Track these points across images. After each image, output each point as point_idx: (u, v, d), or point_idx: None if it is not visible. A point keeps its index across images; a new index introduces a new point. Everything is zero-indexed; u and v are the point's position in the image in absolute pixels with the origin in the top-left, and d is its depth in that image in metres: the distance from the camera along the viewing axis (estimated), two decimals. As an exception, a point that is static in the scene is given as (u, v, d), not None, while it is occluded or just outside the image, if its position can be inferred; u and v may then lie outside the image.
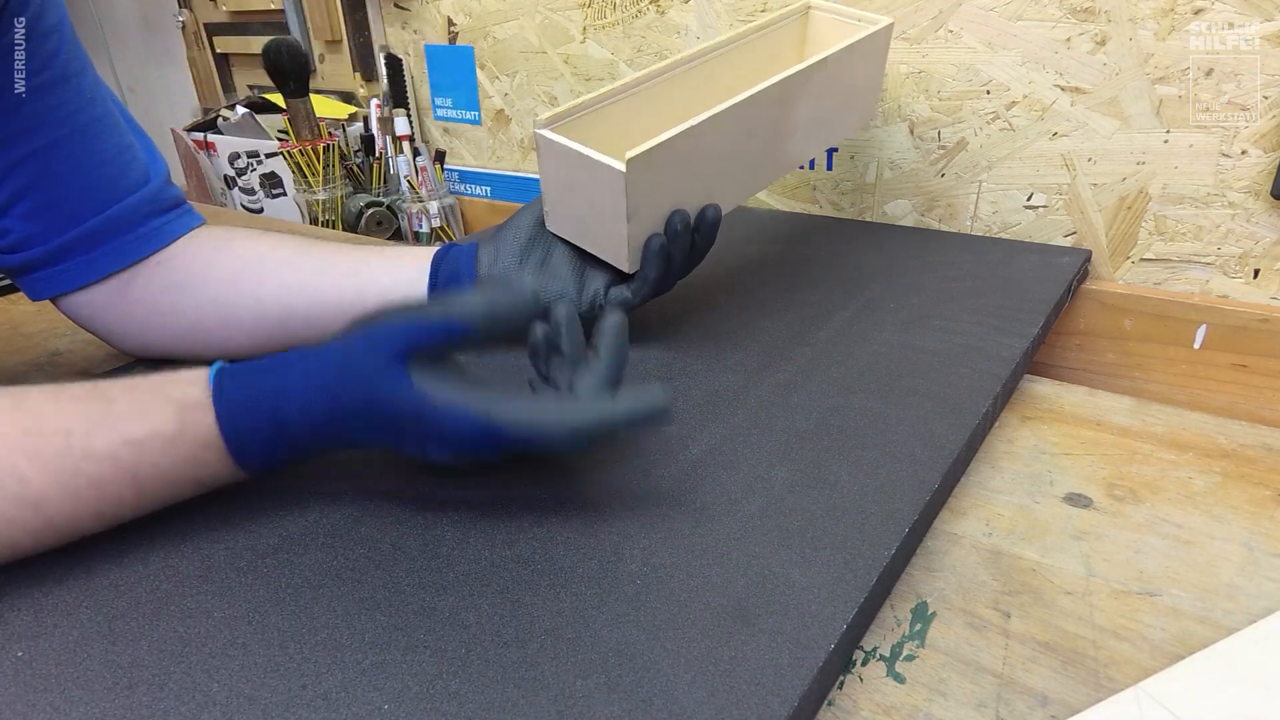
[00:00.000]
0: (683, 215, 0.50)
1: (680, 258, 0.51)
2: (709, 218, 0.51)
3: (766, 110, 0.55)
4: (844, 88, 0.62)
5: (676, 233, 0.50)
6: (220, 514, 0.38)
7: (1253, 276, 0.64)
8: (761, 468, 0.40)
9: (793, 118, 0.58)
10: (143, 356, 0.56)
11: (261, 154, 1.20)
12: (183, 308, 0.52)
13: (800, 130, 0.60)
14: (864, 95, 0.66)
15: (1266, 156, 0.60)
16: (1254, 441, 0.47)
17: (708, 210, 0.51)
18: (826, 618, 0.31)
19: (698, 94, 0.61)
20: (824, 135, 0.64)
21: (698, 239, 0.52)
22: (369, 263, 0.53)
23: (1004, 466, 0.46)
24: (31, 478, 0.33)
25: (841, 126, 0.66)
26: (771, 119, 0.56)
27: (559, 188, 0.50)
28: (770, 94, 0.54)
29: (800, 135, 0.60)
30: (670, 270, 0.51)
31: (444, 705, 0.28)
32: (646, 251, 0.50)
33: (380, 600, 0.33)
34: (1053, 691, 0.32)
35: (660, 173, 0.48)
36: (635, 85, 0.57)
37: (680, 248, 0.51)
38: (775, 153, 0.59)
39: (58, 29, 0.48)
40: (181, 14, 1.52)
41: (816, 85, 0.58)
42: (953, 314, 0.56)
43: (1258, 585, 0.36)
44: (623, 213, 0.47)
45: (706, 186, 0.52)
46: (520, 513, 0.38)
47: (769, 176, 0.62)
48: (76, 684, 0.30)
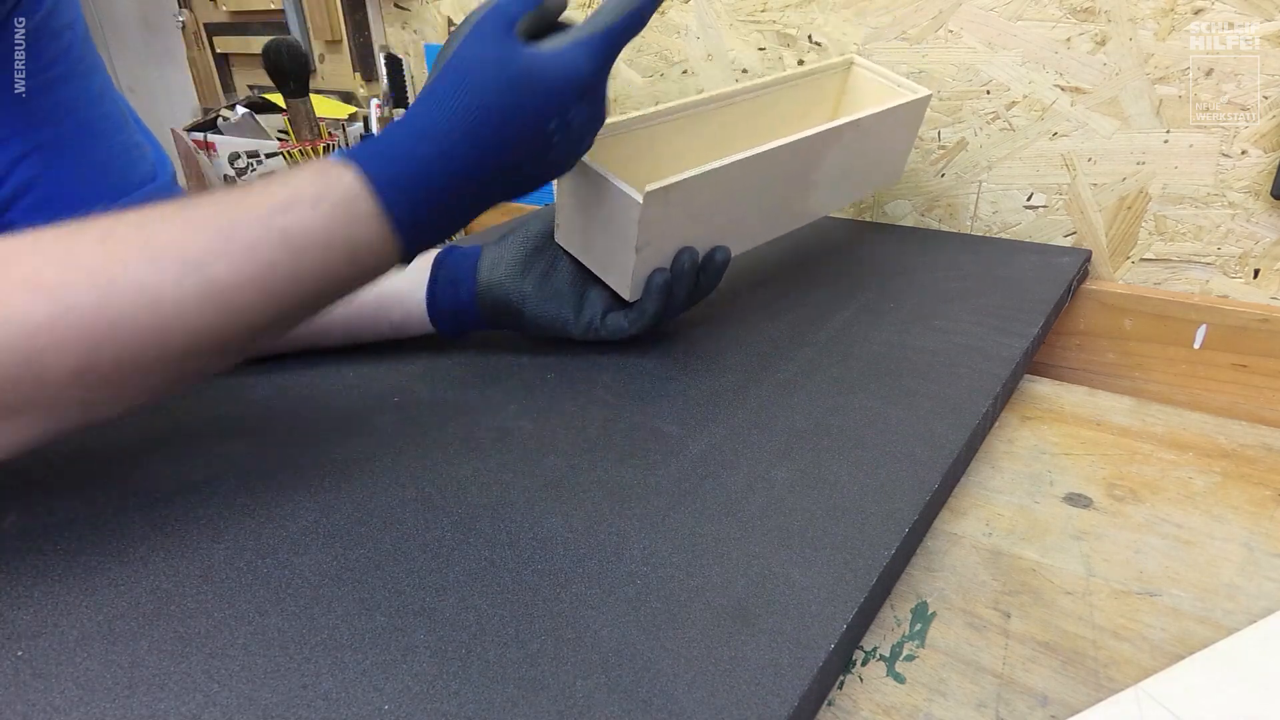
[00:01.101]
0: (691, 254, 0.50)
1: (683, 295, 0.51)
2: (717, 260, 0.51)
3: (792, 162, 0.55)
4: (874, 149, 0.62)
5: (683, 271, 0.50)
6: (220, 514, 0.38)
7: (1253, 276, 0.64)
8: (761, 468, 0.40)
9: (817, 172, 0.58)
10: None
11: (261, 154, 1.20)
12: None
13: (824, 185, 0.59)
14: (892, 158, 0.66)
15: (1266, 156, 0.60)
16: (1254, 441, 0.47)
17: (717, 252, 0.51)
18: (826, 618, 0.31)
19: (731, 131, 0.61)
20: (846, 192, 0.64)
21: (702, 279, 0.52)
22: None
23: (1004, 466, 0.46)
24: (190, 241, 0.32)
25: (865, 185, 0.66)
26: (796, 171, 0.56)
27: (574, 203, 0.50)
28: (799, 147, 0.53)
29: (823, 190, 0.60)
30: (671, 306, 0.51)
31: (444, 705, 0.28)
32: (650, 285, 0.50)
33: (380, 600, 0.33)
34: (1053, 691, 0.32)
35: (676, 209, 0.48)
36: (669, 114, 0.57)
37: (684, 286, 0.51)
38: (794, 204, 0.59)
39: (71, 26, 0.48)
40: (181, 14, 1.52)
41: (847, 144, 0.58)
42: (953, 314, 0.56)
43: (1258, 585, 0.36)
44: (633, 243, 0.47)
45: (720, 228, 0.52)
46: (520, 513, 0.38)
47: (784, 226, 0.61)
48: (76, 684, 0.30)
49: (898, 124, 0.62)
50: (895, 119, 0.61)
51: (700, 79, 0.87)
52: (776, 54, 0.81)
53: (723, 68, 0.85)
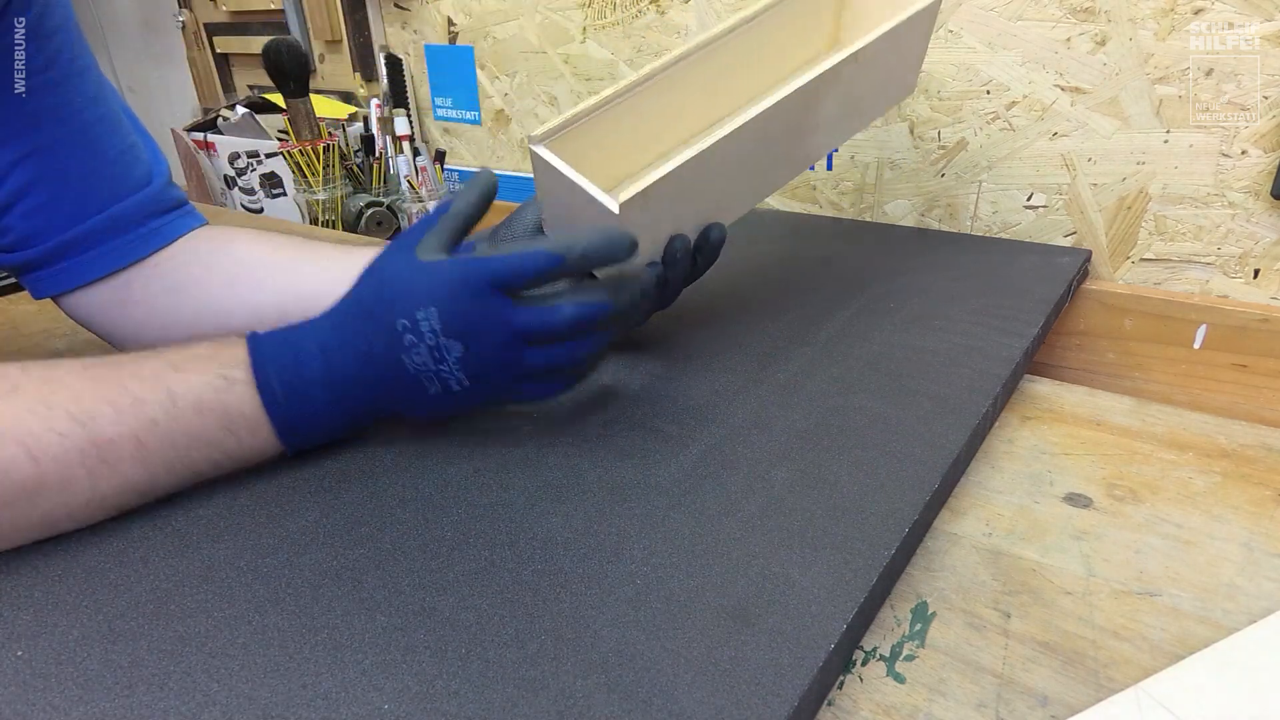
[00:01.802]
0: (683, 241, 0.48)
1: (679, 281, 0.49)
2: (712, 239, 0.49)
3: (785, 116, 0.49)
4: (879, 74, 0.54)
5: (675, 260, 0.48)
6: (220, 514, 0.38)
7: (1253, 276, 0.64)
8: (761, 468, 0.40)
9: (815, 117, 0.52)
10: None
11: (261, 154, 1.20)
12: (180, 310, 0.52)
13: (825, 126, 0.53)
14: (901, 73, 0.57)
15: (1266, 156, 0.60)
16: (1254, 441, 0.47)
17: (711, 231, 0.49)
18: (826, 618, 0.31)
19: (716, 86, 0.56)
20: (850, 126, 0.57)
21: (699, 259, 0.50)
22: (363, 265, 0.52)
23: (1004, 466, 0.46)
24: (84, 393, 0.35)
25: (873, 111, 0.58)
26: (791, 124, 0.50)
27: (554, 205, 0.47)
28: (791, 102, 0.48)
29: (823, 131, 0.53)
30: (666, 293, 0.50)
31: (444, 705, 0.28)
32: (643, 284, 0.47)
33: (380, 600, 0.33)
34: (1053, 691, 0.32)
35: (659, 205, 0.44)
36: (643, 82, 0.52)
37: (679, 272, 0.48)
38: (792, 153, 0.53)
39: (62, 28, 0.48)
40: (181, 14, 1.52)
41: (847, 78, 0.51)
42: (953, 314, 0.56)
43: (1258, 585, 0.36)
44: None
45: (712, 204, 0.49)
46: (520, 513, 0.38)
47: (784, 178, 0.56)
48: (76, 684, 0.30)
49: (904, 38, 0.53)
50: (901, 34, 0.52)
51: (700, 79, 0.87)
52: (776, 54, 0.81)
53: (723, 68, 0.85)
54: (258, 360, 0.38)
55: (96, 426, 0.35)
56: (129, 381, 0.36)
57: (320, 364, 0.39)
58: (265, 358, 0.38)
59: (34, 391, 0.35)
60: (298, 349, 0.39)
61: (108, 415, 0.35)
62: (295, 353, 0.39)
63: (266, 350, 0.39)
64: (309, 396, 0.39)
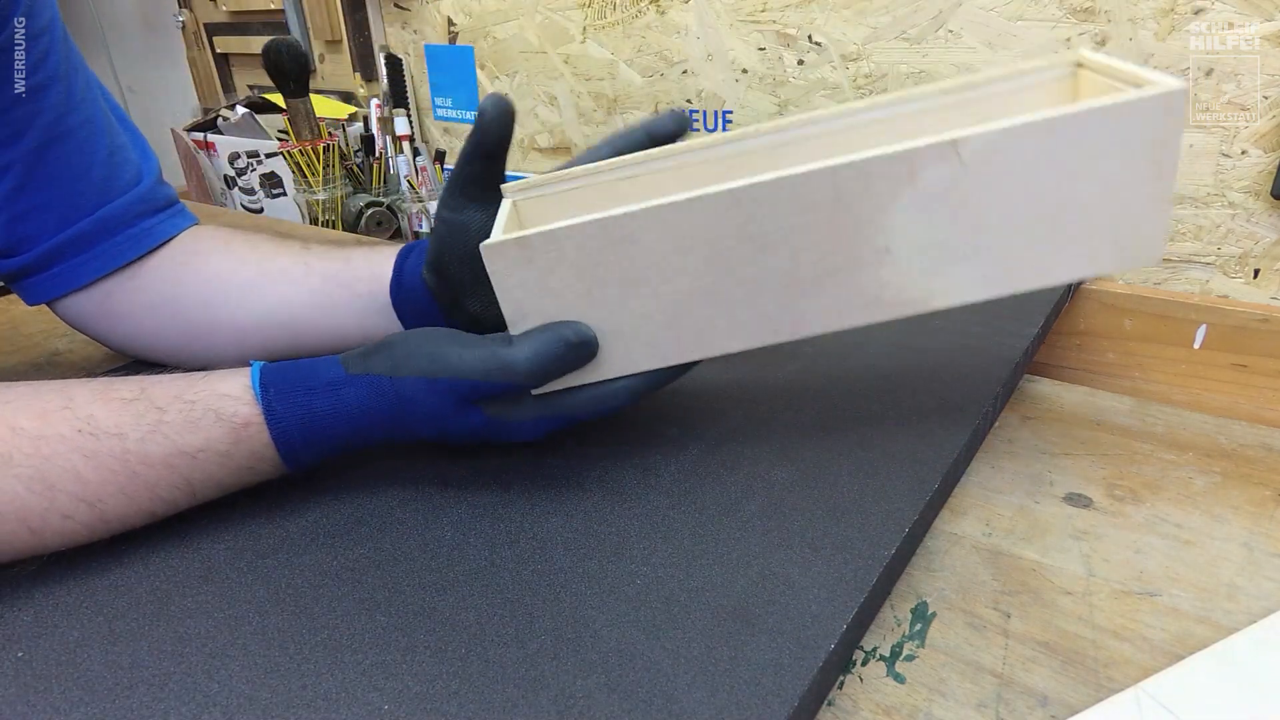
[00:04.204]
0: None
1: None
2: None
3: (806, 209, 0.33)
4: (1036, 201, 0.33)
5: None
6: (220, 514, 0.38)
7: (1253, 276, 0.64)
8: (761, 468, 0.40)
9: (878, 235, 0.34)
10: (138, 359, 0.55)
11: (261, 154, 1.20)
12: (171, 314, 0.52)
13: (904, 256, 0.34)
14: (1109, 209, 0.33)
15: (1266, 156, 0.60)
16: (1254, 441, 0.47)
17: None
18: (826, 618, 0.31)
19: None
20: (978, 271, 0.35)
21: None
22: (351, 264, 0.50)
23: (1004, 466, 0.46)
24: (89, 477, 0.34)
25: (1035, 263, 0.35)
26: (822, 235, 0.34)
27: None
28: (799, 183, 0.33)
29: (906, 264, 0.35)
30: None
31: (444, 705, 0.28)
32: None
33: (380, 600, 0.33)
34: (1053, 691, 0.32)
35: (561, 272, 0.35)
36: None
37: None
38: (838, 280, 0.35)
39: (48, 30, 0.47)
40: (181, 14, 1.52)
41: (947, 185, 0.32)
42: (953, 314, 0.56)
43: (1258, 585, 0.36)
44: None
45: (685, 313, 0.36)
46: (520, 513, 0.38)
47: (833, 315, 0.36)
48: (76, 684, 0.30)
49: (1098, 147, 0.31)
50: (1079, 136, 0.31)
51: (700, 79, 0.87)
52: (776, 54, 0.81)
53: (723, 68, 0.85)
54: (286, 453, 0.37)
55: (106, 508, 0.35)
56: (138, 467, 0.35)
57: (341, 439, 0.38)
58: (293, 448, 0.37)
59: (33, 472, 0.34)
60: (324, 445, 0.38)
61: (119, 497, 0.35)
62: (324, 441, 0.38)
63: (294, 439, 0.37)
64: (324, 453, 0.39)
